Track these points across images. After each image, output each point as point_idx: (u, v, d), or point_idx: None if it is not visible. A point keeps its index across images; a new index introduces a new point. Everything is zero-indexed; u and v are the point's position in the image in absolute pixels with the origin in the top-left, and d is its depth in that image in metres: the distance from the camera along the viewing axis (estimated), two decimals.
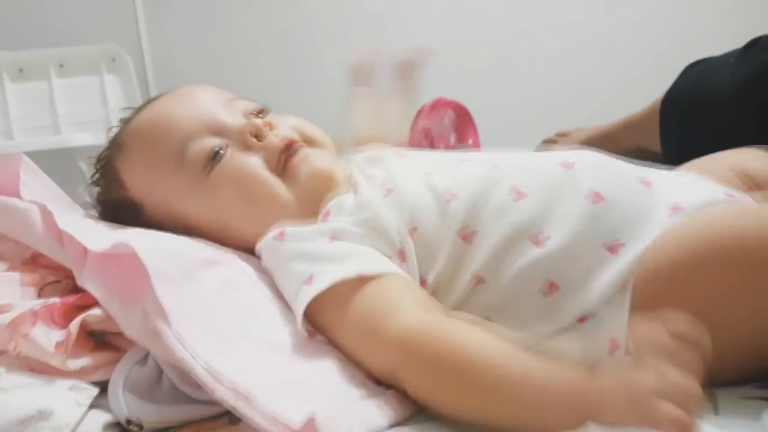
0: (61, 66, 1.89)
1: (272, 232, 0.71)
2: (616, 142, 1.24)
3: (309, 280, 0.64)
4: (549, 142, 1.45)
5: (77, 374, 0.62)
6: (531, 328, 0.63)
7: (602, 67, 2.23)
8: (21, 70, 1.87)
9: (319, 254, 0.66)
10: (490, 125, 1.67)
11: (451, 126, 1.71)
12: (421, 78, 1.08)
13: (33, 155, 0.78)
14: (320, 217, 0.72)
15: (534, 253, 0.63)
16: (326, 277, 0.62)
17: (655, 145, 1.14)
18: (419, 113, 1.71)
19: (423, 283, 0.66)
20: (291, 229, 0.70)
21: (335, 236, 0.67)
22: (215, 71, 2.11)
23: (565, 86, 2.23)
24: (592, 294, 0.61)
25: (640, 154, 1.17)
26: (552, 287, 0.62)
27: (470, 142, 1.69)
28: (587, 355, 0.54)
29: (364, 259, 0.64)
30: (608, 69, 2.23)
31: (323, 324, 0.64)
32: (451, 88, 1.60)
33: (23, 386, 0.60)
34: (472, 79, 2.13)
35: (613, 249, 0.61)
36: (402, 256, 0.66)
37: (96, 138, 1.67)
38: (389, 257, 0.66)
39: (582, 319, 0.61)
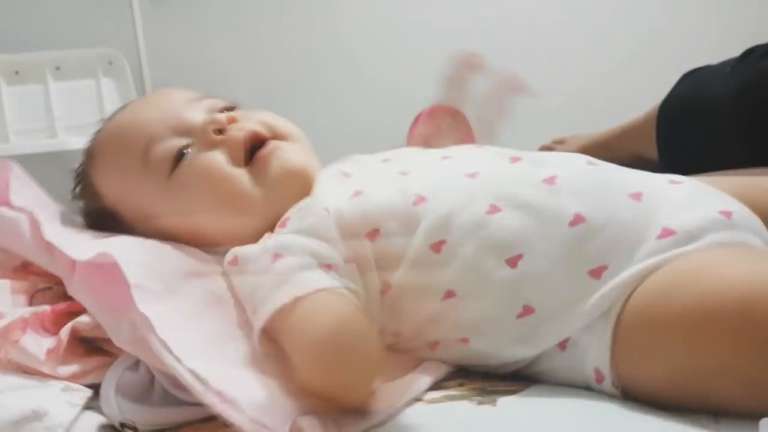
0: (58, 69, 1.89)
1: (228, 257, 0.69)
2: (612, 150, 1.24)
3: (254, 311, 0.62)
4: (546, 149, 1.45)
5: (68, 379, 0.63)
6: (511, 351, 0.62)
7: (600, 72, 2.23)
8: (17, 73, 1.86)
9: (260, 282, 0.63)
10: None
11: (449, 132, 1.71)
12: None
13: (28, 158, 0.78)
14: (280, 222, 0.69)
15: (506, 274, 0.60)
16: (266, 308, 0.60)
17: (652, 152, 1.14)
18: (417, 120, 1.71)
19: (387, 286, 0.64)
20: (242, 253, 0.67)
21: (278, 253, 0.63)
22: (212, 75, 2.10)
23: (562, 93, 2.23)
24: (573, 320, 0.59)
25: (636, 162, 1.17)
26: (527, 310, 0.60)
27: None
28: None
29: (300, 278, 0.61)
30: (605, 75, 2.23)
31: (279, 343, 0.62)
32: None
33: (16, 388, 0.60)
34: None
35: (596, 273, 0.59)
36: (349, 258, 0.63)
37: None
38: (332, 264, 0.62)
39: (563, 346, 0.60)
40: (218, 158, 0.72)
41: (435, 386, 0.63)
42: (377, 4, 2.24)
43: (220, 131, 0.73)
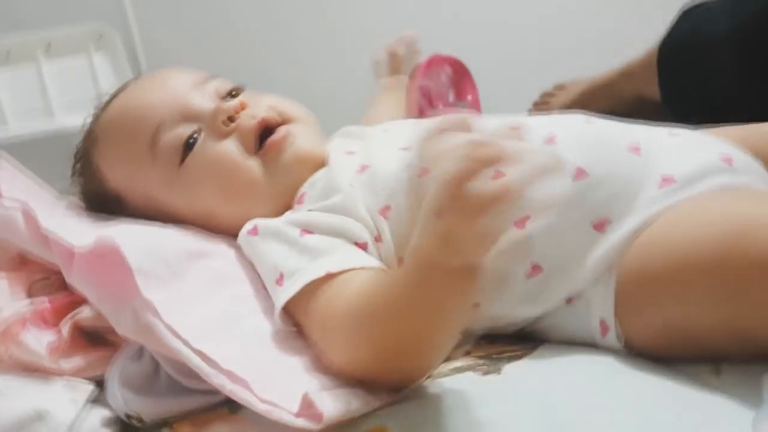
0: (49, 47, 1.87)
1: (247, 226, 0.69)
2: (614, 91, 1.23)
3: (280, 280, 0.62)
4: (546, 95, 1.43)
5: (72, 374, 0.62)
6: (519, 311, 0.62)
7: (599, 16, 2.19)
8: (8, 54, 1.85)
9: (289, 250, 0.64)
10: (488, 80, 1.65)
11: (449, 83, 1.68)
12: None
13: (27, 140, 0.77)
14: (296, 199, 0.70)
15: (514, 234, 0.61)
16: (297, 278, 0.61)
17: (654, 93, 1.12)
18: (415, 71, 1.68)
19: (400, 261, 0.63)
20: (263, 222, 0.68)
21: (307, 229, 0.64)
22: (204, 44, 2.08)
23: (562, 38, 2.20)
24: (580, 274, 0.59)
25: (638, 103, 1.15)
26: (535, 269, 0.60)
27: (469, 98, 1.66)
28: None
29: (333, 255, 0.62)
30: (605, 18, 2.19)
31: (298, 320, 0.63)
32: (447, 44, 1.57)
33: (18, 387, 0.60)
34: (469, 34, 2.09)
35: (600, 227, 0.60)
36: (379, 237, 0.64)
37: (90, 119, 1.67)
38: (364, 242, 0.64)
39: (570, 300, 0.61)
40: (230, 148, 0.72)
41: None
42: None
43: (230, 119, 0.72)
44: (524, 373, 0.57)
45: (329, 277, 0.59)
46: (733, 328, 0.51)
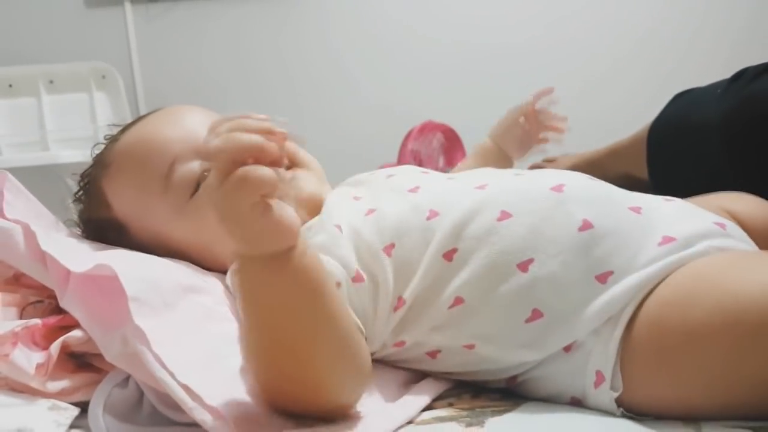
0: (51, 82, 1.89)
1: (234, 264, 0.70)
2: (602, 168, 1.25)
3: None
4: (536, 168, 1.46)
5: (57, 396, 0.62)
6: (518, 355, 0.63)
7: (588, 91, 2.24)
8: (10, 86, 1.87)
9: None
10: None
11: (440, 149, 1.72)
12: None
13: (20, 171, 0.78)
14: None
15: (518, 278, 0.62)
16: None
17: (642, 172, 1.14)
18: (408, 136, 1.72)
19: (400, 300, 0.65)
20: None
21: None
22: (205, 90, 2.11)
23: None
24: (579, 324, 0.60)
25: (626, 181, 1.18)
26: (535, 314, 0.61)
27: (459, 165, 1.69)
28: None
29: None
30: (593, 94, 2.25)
31: None
32: (440, 112, 1.61)
33: (3, 405, 0.60)
34: (461, 103, 2.14)
35: (602, 278, 0.61)
36: (359, 277, 0.65)
37: (84, 155, 1.67)
38: (338, 282, 0.64)
39: (568, 348, 0.61)
40: None
41: (425, 406, 0.63)
42: (371, 21, 2.25)
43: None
44: (508, 427, 0.57)
45: None
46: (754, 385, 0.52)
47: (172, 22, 2.14)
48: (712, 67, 1.16)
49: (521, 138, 1.11)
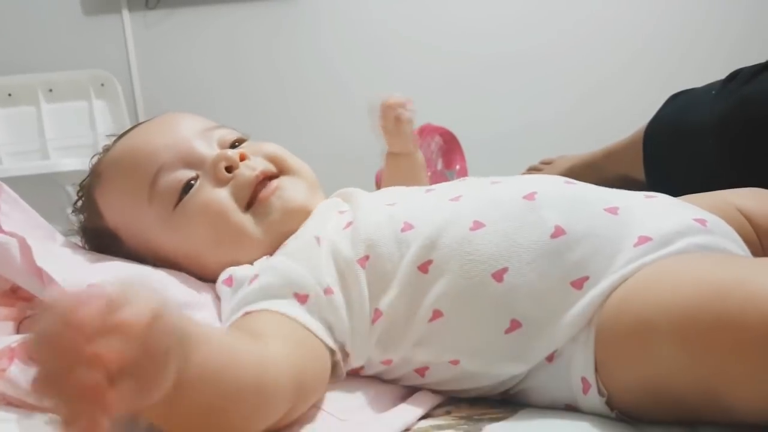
0: (50, 91, 1.90)
1: (223, 275, 0.70)
2: (600, 170, 1.25)
3: None
4: (533, 170, 1.46)
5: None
6: (502, 368, 0.62)
7: (583, 94, 2.25)
8: (10, 95, 1.87)
9: (238, 301, 0.65)
10: (477, 151, 1.68)
11: (439, 151, 1.72)
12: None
13: (21, 179, 0.78)
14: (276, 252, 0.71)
15: (493, 288, 0.61)
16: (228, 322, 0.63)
17: (639, 173, 1.15)
18: None
19: (377, 312, 0.64)
20: (237, 274, 0.69)
21: (254, 277, 0.66)
22: (204, 97, 2.11)
23: (550, 113, 2.25)
24: (558, 331, 0.59)
25: (623, 183, 1.18)
26: (514, 324, 0.60)
27: (457, 167, 1.70)
28: None
29: (256, 295, 0.63)
30: (589, 96, 2.25)
31: None
32: (438, 114, 1.61)
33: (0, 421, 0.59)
34: (459, 105, 2.14)
35: (578, 284, 0.60)
36: (329, 290, 0.64)
37: (84, 163, 1.67)
38: (305, 294, 0.63)
39: (551, 358, 0.61)
40: (223, 197, 0.73)
41: (422, 416, 0.62)
42: (364, 28, 2.26)
43: (230, 169, 0.74)
44: None
45: (246, 314, 0.62)
46: (705, 391, 0.51)
47: (170, 30, 2.14)
48: (711, 72, 1.16)
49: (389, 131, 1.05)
